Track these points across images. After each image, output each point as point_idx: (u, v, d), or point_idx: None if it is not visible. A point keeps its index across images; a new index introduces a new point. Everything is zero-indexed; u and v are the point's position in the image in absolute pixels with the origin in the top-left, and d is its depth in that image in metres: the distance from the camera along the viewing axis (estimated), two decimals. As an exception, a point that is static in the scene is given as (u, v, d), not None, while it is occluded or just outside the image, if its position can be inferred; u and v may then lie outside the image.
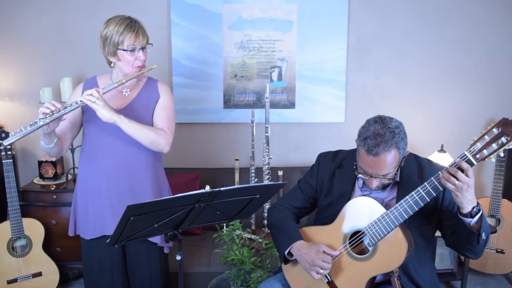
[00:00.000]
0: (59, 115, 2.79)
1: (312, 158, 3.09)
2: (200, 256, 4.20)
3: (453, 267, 4.49)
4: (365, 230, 2.61)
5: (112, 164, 3.05)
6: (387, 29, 4.87)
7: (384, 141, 2.48)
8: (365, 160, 2.55)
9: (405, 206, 2.49)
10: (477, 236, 2.43)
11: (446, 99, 5.00)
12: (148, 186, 3.13)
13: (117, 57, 3.00)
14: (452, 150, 4.66)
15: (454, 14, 4.84)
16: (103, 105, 2.83)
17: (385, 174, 2.56)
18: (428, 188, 2.45)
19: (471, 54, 4.93)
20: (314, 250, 2.65)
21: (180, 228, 2.55)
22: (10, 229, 4.04)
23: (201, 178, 4.73)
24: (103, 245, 3.14)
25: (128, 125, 2.90)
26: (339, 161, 2.93)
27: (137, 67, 3.02)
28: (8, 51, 4.81)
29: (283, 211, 3.00)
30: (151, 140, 2.98)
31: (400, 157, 2.55)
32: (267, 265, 3.72)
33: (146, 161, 3.12)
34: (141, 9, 4.66)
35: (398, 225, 2.53)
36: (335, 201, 2.84)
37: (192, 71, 4.84)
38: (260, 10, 4.75)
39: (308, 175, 3.04)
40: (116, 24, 2.96)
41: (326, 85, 4.91)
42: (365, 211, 2.63)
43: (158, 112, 3.14)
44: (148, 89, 3.17)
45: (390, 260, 2.56)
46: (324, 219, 2.86)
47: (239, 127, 4.98)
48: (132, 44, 2.95)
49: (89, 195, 3.12)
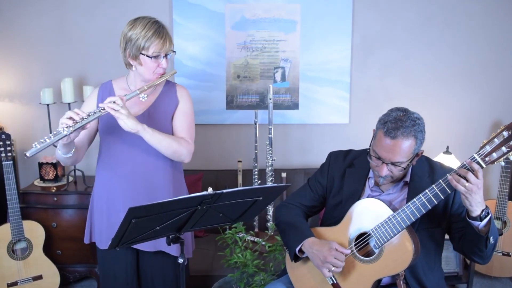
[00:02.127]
0: (82, 124, 2.68)
1: (316, 160, 3.10)
2: (203, 259, 4.20)
3: (458, 270, 4.47)
4: (371, 232, 2.61)
5: (129, 173, 2.99)
6: (392, 29, 4.87)
7: (404, 126, 2.52)
8: (381, 143, 2.56)
9: (413, 209, 2.49)
10: (485, 240, 2.42)
11: (452, 100, 5.00)
12: (166, 196, 3.01)
13: (139, 61, 2.89)
14: (458, 152, 4.66)
15: (460, 14, 4.84)
16: (127, 114, 2.72)
17: (397, 162, 2.55)
18: (436, 191, 2.44)
19: (478, 55, 4.92)
20: (327, 247, 2.65)
21: (183, 231, 2.54)
22: (10, 231, 4.04)
23: (204, 180, 4.73)
24: (117, 256, 3.10)
25: (151, 135, 2.81)
26: (350, 160, 2.93)
27: (158, 73, 2.93)
28: (8, 51, 4.81)
29: (292, 209, 3.00)
30: (173, 150, 2.91)
31: (415, 150, 2.56)
32: (270, 268, 3.72)
33: (164, 170, 3.04)
34: (143, 9, 4.66)
35: (405, 228, 2.53)
36: (344, 201, 2.84)
37: (195, 71, 4.85)
38: (263, 10, 4.75)
39: (319, 173, 3.03)
40: (143, 28, 2.84)
41: (330, 86, 4.92)
42: (371, 213, 2.63)
43: (179, 119, 3.06)
44: (167, 94, 3.08)
45: (396, 262, 2.56)
46: (332, 219, 2.87)
47: (242, 128, 4.99)
48: (158, 51, 2.85)
49: (104, 203, 3.06)
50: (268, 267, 3.73)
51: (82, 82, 4.82)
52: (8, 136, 4.00)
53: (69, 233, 4.45)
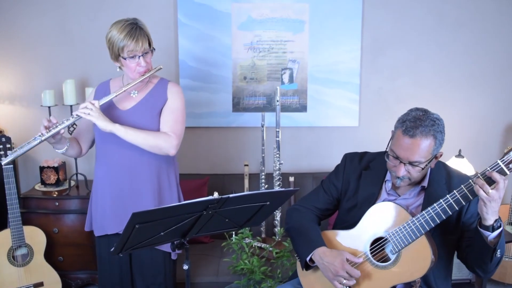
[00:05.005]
0: (55, 131, 2.99)
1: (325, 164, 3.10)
2: (208, 266, 4.19)
3: (471, 277, 4.46)
4: (388, 236, 2.59)
5: (115, 166, 3.20)
6: (403, 30, 4.85)
7: (423, 125, 2.52)
8: (400, 142, 2.56)
9: (432, 214, 2.47)
10: (492, 252, 2.41)
11: (465, 103, 4.98)
12: (147, 187, 3.22)
13: (120, 63, 3.14)
14: (470, 156, 4.64)
15: (473, 14, 4.81)
16: (97, 116, 3.00)
17: (415, 162, 2.54)
18: (458, 196, 2.43)
19: (491, 56, 4.90)
20: (338, 260, 2.63)
21: (188, 236, 2.54)
22: (10, 237, 4.03)
23: (209, 185, 4.72)
24: (111, 244, 3.20)
25: (125, 133, 3.03)
26: (366, 163, 2.93)
27: (139, 72, 3.13)
28: (9, 52, 4.82)
29: (304, 213, 2.98)
30: (150, 145, 3.08)
31: (433, 150, 2.54)
32: (277, 275, 3.71)
33: (149, 164, 3.21)
34: (147, 9, 4.67)
35: (424, 233, 2.51)
36: (359, 204, 2.83)
37: (200, 73, 4.84)
38: (270, 9, 4.74)
39: (333, 175, 3.02)
40: (117, 30, 3.04)
41: (339, 88, 4.90)
42: (389, 217, 2.63)
43: (164, 114, 3.21)
44: (157, 91, 3.25)
45: (413, 269, 2.55)
46: (344, 223, 2.86)
47: (249, 131, 4.97)
48: (132, 51, 3.05)
49: (98, 194, 3.29)
50: (275, 273, 3.73)
51: (84, 83, 4.82)
52: (8, 139, 3.99)
53: (71, 239, 4.45)
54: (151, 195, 3.20)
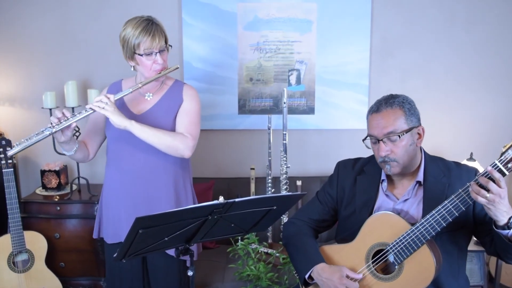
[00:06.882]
0: (67, 123, 2.89)
1: (333, 168, 3.08)
2: (214, 272, 4.17)
3: (483, 283, 4.44)
4: (390, 248, 2.58)
5: (130, 171, 3.15)
6: (413, 30, 4.83)
7: (387, 102, 2.66)
8: (371, 123, 2.69)
9: (432, 222, 2.46)
10: None
11: (476, 105, 4.95)
12: (164, 194, 3.17)
13: (135, 61, 3.10)
14: (482, 159, 4.61)
15: (486, 14, 4.79)
16: (112, 111, 2.92)
17: (390, 133, 2.59)
18: (456, 202, 2.42)
19: (503, 57, 4.87)
20: (337, 276, 2.63)
21: (192, 242, 2.54)
22: (10, 242, 4.02)
23: (215, 189, 4.71)
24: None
25: (140, 130, 2.97)
26: (359, 168, 2.95)
27: (156, 70, 3.09)
28: (9, 53, 4.82)
29: (300, 227, 2.98)
30: (167, 145, 3.02)
31: (407, 121, 2.62)
32: (284, 281, 3.70)
33: (165, 168, 3.17)
34: (150, 8, 4.65)
35: (425, 242, 2.49)
36: (358, 210, 2.82)
37: (205, 74, 4.83)
38: (277, 9, 4.73)
39: (327, 185, 3.04)
40: (133, 27, 3.03)
41: (348, 89, 4.89)
42: (388, 228, 2.61)
43: (180, 116, 3.18)
44: (172, 94, 3.23)
45: (417, 280, 2.53)
46: (346, 231, 2.84)
47: (255, 134, 4.96)
48: (148, 48, 3.02)
49: (109, 199, 3.24)
50: (282, 280, 3.72)
51: (86, 85, 4.82)
52: (8, 142, 3.99)
53: (73, 245, 4.44)
54: (167, 202, 3.17)
